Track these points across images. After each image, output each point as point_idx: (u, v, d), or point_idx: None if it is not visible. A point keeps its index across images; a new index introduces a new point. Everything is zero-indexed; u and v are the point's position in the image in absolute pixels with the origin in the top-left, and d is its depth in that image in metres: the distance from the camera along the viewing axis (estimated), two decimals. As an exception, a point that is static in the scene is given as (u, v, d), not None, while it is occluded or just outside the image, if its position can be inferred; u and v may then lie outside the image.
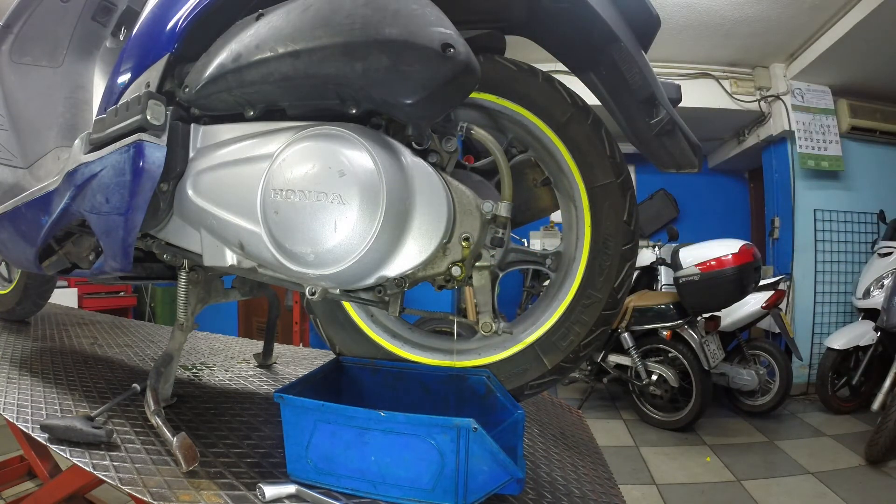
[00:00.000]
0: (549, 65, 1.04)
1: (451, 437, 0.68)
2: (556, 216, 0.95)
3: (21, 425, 0.92)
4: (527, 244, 4.81)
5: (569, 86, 0.90)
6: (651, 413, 3.50)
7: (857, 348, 3.44)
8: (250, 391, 1.27)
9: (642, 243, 4.16)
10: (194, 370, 1.41)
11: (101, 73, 1.34)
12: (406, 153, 0.77)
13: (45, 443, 0.84)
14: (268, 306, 1.42)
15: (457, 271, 0.80)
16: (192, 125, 0.85)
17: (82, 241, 1.05)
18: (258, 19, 0.77)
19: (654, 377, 3.38)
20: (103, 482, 0.81)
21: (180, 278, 0.96)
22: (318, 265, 0.74)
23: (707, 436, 3.30)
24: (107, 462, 0.78)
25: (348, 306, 1.00)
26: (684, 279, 3.29)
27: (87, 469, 0.77)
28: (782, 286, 3.68)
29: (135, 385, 1.09)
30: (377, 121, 0.80)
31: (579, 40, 0.86)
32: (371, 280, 0.78)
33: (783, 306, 3.95)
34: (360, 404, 0.73)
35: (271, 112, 0.82)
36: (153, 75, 0.83)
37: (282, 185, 0.74)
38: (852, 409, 3.57)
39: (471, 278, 0.84)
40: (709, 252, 3.27)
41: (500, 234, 0.81)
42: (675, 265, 3.41)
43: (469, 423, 0.67)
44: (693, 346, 3.28)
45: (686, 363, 3.30)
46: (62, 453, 0.81)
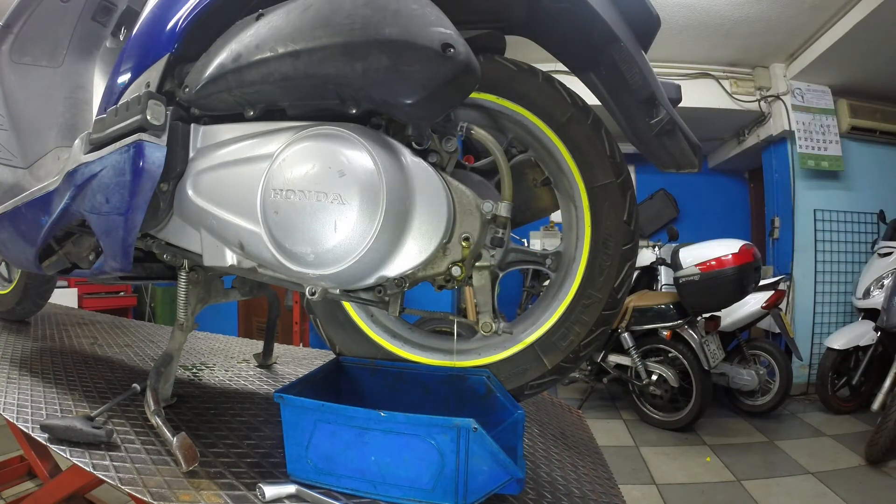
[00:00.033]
0: (549, 65, 1.04)
1: (451, 437, 0.68)
2: (556, 216, 0.95)
3: (21, 425, 0.92)
4: (527, 244, 4.81)
5: (569, 86, 0.90)
6: (651, 413, 3.50)
7: (857, 348, 3.44)
8: (250, 391, 1.27)
9: (642, 243, 4.16)
10: (194, 370, 1.41)
11: (101, 73, 1.34)
12: (406, 153, 0.77)
13: (45, 443, 0.84)
14: (268, 306, 1.42)
15: (457, 271, 0.80)
16: (192, 125, 0.85)
17: (82, 241, 1.05)
18: (258, 19, 0.77)
19: (654, 377, 3.38)
20: (103, 482, 0.81)
21: (180, 278, 0.96)
22: (318, 265, 0.74)
23: (707, 436, 3.30)
24: (107, 462, 0.78)
25: (348, 306, 1.00)
26: (684, 279, 3.29)
27: (87, 469, 0.77)
28: (782, 286, 3.68)
29: (135, 385, 1.09)
30: (377, 121, 0.80)
31: (579, 40, 0.86)
32: (371, 280, 0.78)
33: (783, 306, 3.95)
34: (359, 404, 0.73)
35: (271, 112, 0.82)
36: (153, 75, 0.83)
37: (282, 185, 0.74)
38: (852, 409, 3.57)
39: (471, 278, 0.84)
40: (709, 252, 3.27)
41: (500, 234, 0.81)
42: (675, 265, 3.41)
43: (469, 423, 0.67)
44: (693, 346, 3.28)
45: (686, 363, 3.30)
46: (62, 453, 0.81)
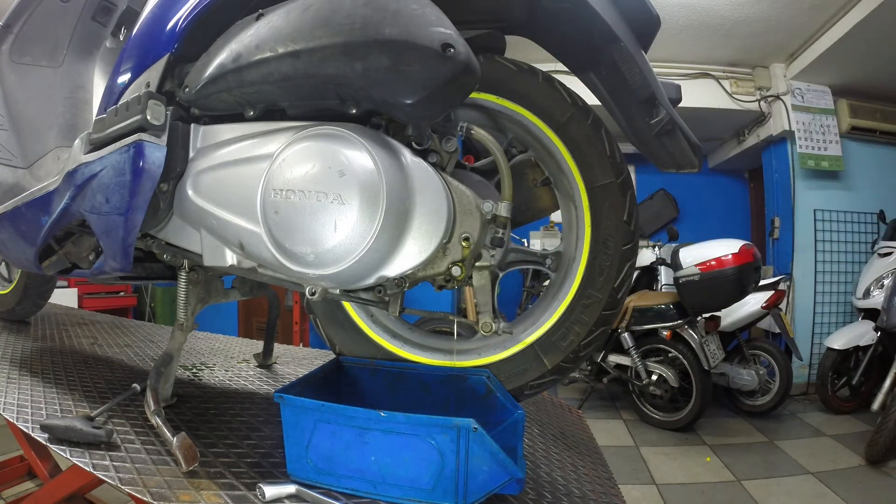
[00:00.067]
0: (549, 65, 1.04)
1: (451, 437, 0.68)
2: (556, 216, 0.95)
3: (21, 425, 0.92)
4: (527, 244, 4.81)
5: (569, 86, 0.90)
6: (651, 413, 3.50)
7: (857, 348, 3.44)
8: (250, 391, 1.27)
9: (642, 243, 4.16)
10: (194, 370, 1.41)
11: (101, 73, 1.34)
12: (406, 153, 0.77)
13: (45, 443, 0.84)
14: (268, 306, 1.42)
15: (457, 271, 0.80)
16: (192, 125, 0.85)
17: (82, 241, 1.05)
18: (258, 19, 0.77)
19: (654, 377, 3.38)
20: (103, 482, 0.81)
21: (180, 278, 0.96)
22: (318, 265, 0.74)
23: (707, 436, 3.30)
24: (107, 462, 0.78)
25: (348, 306, 1.00)
26: (684, 279, 3.29)
27: (87, 469, 0.77)
28: (782, 286, 3.68)
29: (135, 385, 1.09)
30: (377, 121, 0.80)
31: (579, 40, 0.86)
32: (371, 280, 0.78)
33: (783, 306, 3.95)
34: (359, 404, 0.73)
35: (271, 112, 0.82)
36: (153, 75, 0.83)
37: (282, 185, 0.74)
38: (852, 409, 3.57)
39: (471, 278, 0.84)
40: (709, 252, 3.27)
41: (500, 234, 0.81)
42: (675, 265, 3.41)
43: (469, 423, 0.67)
44: (693, 346, 3.28)
45: (686, 363, 3.30)
46: (62, 453, 0.81)
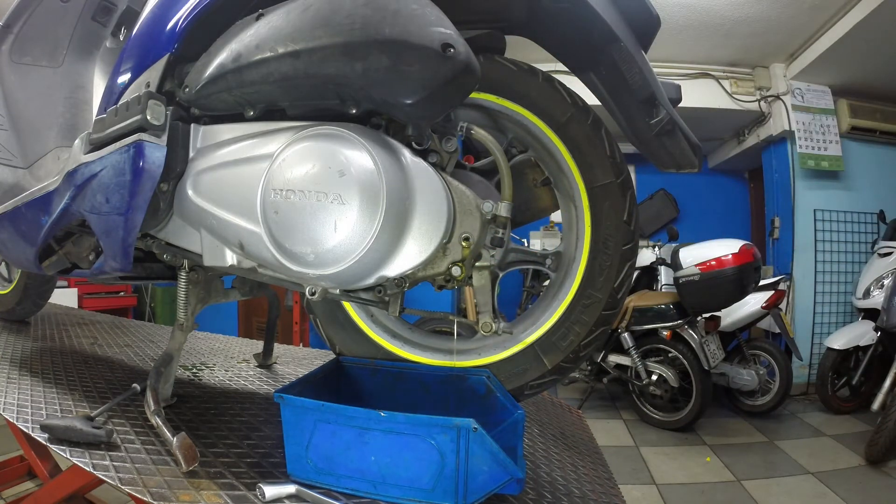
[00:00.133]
0: (549, 65, 1.04)
1: (451, 437, 0.68)
2: (556, 216, 0.95)
3: (21, 425, 0.92)
4: (527, 244, 4.81)
5: (569, 86, 0.90)
6: (651, 413, 3.50)
7: (857, 348, 3.44)
8: (250, 391, 1.27)
9: (642, 243, 4.16)
10: (194, 370, 1.41)
11: (101, 73, 1.34)
12: (406, 153, 0.77)
13: (45, 443, 0.84)
14: (268, 306, 1.42)
15: (457, 271, 0.80)
16: (192, 125, 0.85)
17: (82, 241, 1.05)
18: (258, 19, 0.77)
19: (654, 377, 3.38)
20: (103, 482, 0.81)
21: (180, 278, 0.96)
22: (318, 265, 0.74)
23: (707, 436, 3.30)
24: (107, 462, 0.78)
25: (348, 306, 1.00)
26: (684, 279, 3.29)
27: (87, 469, 0.77)
28: (782, 286, 3.68)
29: (135, 385, 1.09)
30: (377, 121, 0.80)
31: (579, 40, 0.86)
32: (371, 280, 0.78)
33: (783, 306, 3.95)
34: (359, 404, 0.73)
35: (271, 112, 0.82)
36: (153, 75, 0.83)
37: (282, 185, 0.74)
38: (852, 409, 3.57)
39: (471, 278, 0.84)
40: (709, 252, 3.27)
41: (500, 234, 0.81)
42: (675, 265, 3.41)
43: (469, 423, 0.67)
44: (693, 346, 3.28)
45: (686, 363, 3.30)
46: (62, 453, 0.81)
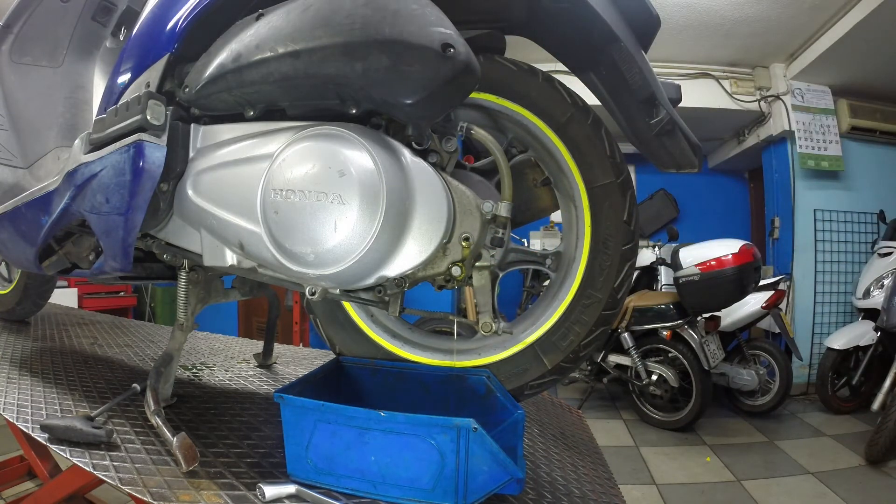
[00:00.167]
0: (549, 65, 1.04)
1: (451, 437, 0.68)
2: (556, 216, 0.95)
3: (21, 425, 0.92)
4: (527, 244, 4.81)
5: (569, 86, 0.90)
6: (651, 413, 3.50)
7: (857, 348, 3.44)
8: (250, 391, 1.27)
9: (642, 243, 4.16)
10: (194, 370, 1.41)
11: (101, 73, 1.34)
12: (406, 153, 0.77)
13: (45, 443, 0.84)
14: (268, 306, 1.42)
15: (457, 271, 0.80)
16: (192, 125, 0.85)
17: (82, 241, 1.05)
18: (258, 19, 0.77)
19: (654, 377, 3.38)
20: (103, 482, 0.81)
21: (180, 278, 0.96)
22: (318, 265, 0.74)
23: (707, 436, 3.30)
24: (107, 462, 0.78)
25: (348, 306, 1.00)
26: (684, 279, 3.29)
27: (87, 469, 0.77)
28: (782, 286, 3.68)
29: (135, 385, 1.09)
30: (377, 121, 0.80)
31: (579, 40, 0.86)
32: (371, 280, 0.78)
33: (783, 306, 3.95)
34: (359, 404, 0.73)
35: (271, 112, 0.82)
36: (153, 75, 0.83)
37: (282, 185, 0.74)
38: (852, 409, 3.57)
39: (471, 278, 0.84)
40: (709, 252, 3.27)
41: (500, 234, 0.81)
42: (675, 265, 3.41)
43: (469, 423, 0.67)
44: (693, 346, 3.28)
45: (686, 363, 3.30)
46: (62, 453, 0.81)
